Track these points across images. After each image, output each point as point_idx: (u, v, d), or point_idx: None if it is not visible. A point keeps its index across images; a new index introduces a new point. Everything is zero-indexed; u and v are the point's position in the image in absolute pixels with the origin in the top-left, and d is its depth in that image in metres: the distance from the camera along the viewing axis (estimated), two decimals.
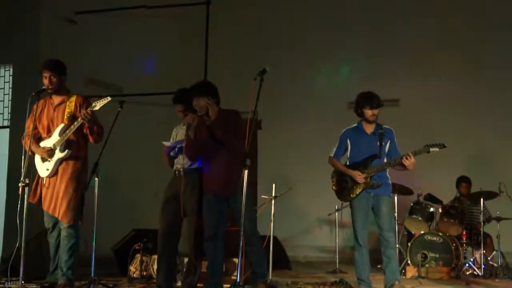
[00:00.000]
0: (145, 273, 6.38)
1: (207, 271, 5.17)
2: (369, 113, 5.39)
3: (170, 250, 5.39)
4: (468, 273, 7.39)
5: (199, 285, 5.42)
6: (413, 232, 7.77)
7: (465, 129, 9.54)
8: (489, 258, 7.51)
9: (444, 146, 5.30)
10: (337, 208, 8.19)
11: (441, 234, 7.39)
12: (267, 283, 5.37)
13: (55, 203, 5.20)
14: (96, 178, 5.14)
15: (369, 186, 5.36)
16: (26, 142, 5.23)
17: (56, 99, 5.37)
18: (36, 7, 8.60)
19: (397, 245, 6.83)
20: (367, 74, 9.97)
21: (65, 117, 5.26)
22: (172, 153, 5.48)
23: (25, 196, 5.00)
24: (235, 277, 4.85)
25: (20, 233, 5.02)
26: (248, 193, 4.34)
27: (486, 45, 9.78)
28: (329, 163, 5.62)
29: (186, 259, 5.66)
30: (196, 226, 5.26)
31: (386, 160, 5.42)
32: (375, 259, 6.13)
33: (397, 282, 5.33)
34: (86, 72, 8.95)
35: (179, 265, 5.89)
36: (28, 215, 4.95)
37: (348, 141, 5.53)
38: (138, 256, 6.46)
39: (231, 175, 4.90)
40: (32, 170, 5.25)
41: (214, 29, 9.69)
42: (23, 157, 5.04)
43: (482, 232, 7.43)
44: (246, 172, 4.27)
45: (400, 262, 6.63)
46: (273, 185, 6.61)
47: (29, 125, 5.36)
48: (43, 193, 5.30)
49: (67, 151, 5.22)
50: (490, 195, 7.65)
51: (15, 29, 8.59)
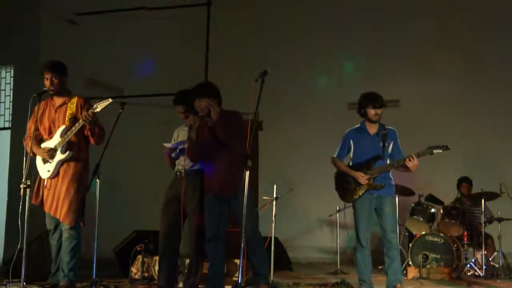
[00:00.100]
0: (146, 274, 6.37)
1: (208, 272, 5.17)
2: (372, 112, 5.36)
3: (171, 251, 5.40)
4: (469, 274, 7.39)
5: (200, 286, 5.42)
6: (414, 233, 7.77)
7: (465, 129, 9.53)
8: (490, 259, 7.51)
9: (447, 148, 5.27)
10: (338, 209, 8.19)
11: (442, 234, 7.39)
12: (268, 284, 5.36)
13: (57, 204, 5.20)
14: (97, 180, 5.15)
15: (372, 188, 5.34)
16: (28, 144, 5.22)
17: (58, 101, 5.35)
18: (36, 8, 8.58)
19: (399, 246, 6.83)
20: (367, 75, 9.97)
21: (67, 118, 5.25)
22: (173, 154, 5.48)
23: (27, 198, 5.00)
24: (236, 278, 4.86)
25: (22, 234, 5.02)
26: (249, 194, 4.35)
27: (486, 46, 9.78)
28: (331, 163, 5.59)
29: (187, 260, 5.65)
30: (197, 226, 5.27)
31: (389, 161, 5.39)
32: (377, 259, 6.12)
33: (399, 284, 5.32)
34: (86, 73, 8.94)
35: (180, 266, 5.89)
36: (30, 217, 4.94)
37: (351, 141, 5.50)
38: (140, 258, 6.46)
39: (232, 176, 4.90)
40: (33, 172, 5.24)
41: (214, 30, 9.68)
42: (24, 158, 5.03)
43: (483, 233, 7.43)
44: (247, 173, 4.26)
45: (401, 263, 6.61)
46: (274, 186, 6.61)
47: (30, 126, 5.34)
48: (44, 195, 5.29)
49: (68, 153, 5.21)
50: (491, 196, 7.66)
51: (15, 30, 8.57)
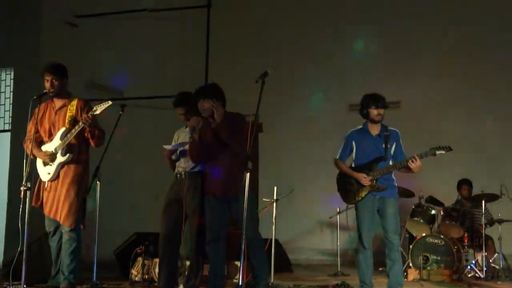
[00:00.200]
0: (146, 276, 6.36)
1: (208, 273, 5.16)
2: (374, 113, 5.33)
3: (171, 253, 5.39)
4: (469, 275, 7.38)
5: None
6: (414, 235, 7.76)
7: (466, 131, 9.53)
8: (490, 261, 7.51)
9: (450, 149, 5.25)
10: (338, 210, 8.18)
11: (442, 236, 7.37)
12: (269, 286, 5.35)
13: (57, 207, 5.20)
14: (97, 182, 5.15)
15: (375, 189, 5.31)
16: (28, 146, 5.22)
17: (58, 103, 5.36)
18: (36, 11, 8.59)
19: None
20: (368, 76, 9.97)
21: (67, 120, 5.25)
22: (174, 156, 5.48)
23: (27, 200, 4.99)
24: (237, 280, 4.86)
25: (22, 237, 5.01)
26: (250, 196, 4.34)
27: (488, 47, 9.78)
28: (334, 165, 5.55)
29: (187, 262, 5.65)
30: (197, 227, 5.26)
31: (391, 163, 5.35)
32: (377, 261, 6.11)
33: (399, 287, 5.30)
34: (86, 76, 8.94)
35: (180, 268, 5.89)
36: (30, 219, 4.94)
37: (353, 142, 5.45)
38: (140, 260, 6.45)
39: (233, 177, 4.89)
40: (33, 174, 5.24)
41: (214, 31, 9.68)
42: (24, 161, 5.02)
43: (483, 235, 7.42)
44: (248, 175, 4.26)
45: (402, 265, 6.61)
46: (275, 188, 6.60)
47: (30, 128, 5.34)
48: (44, 197, 5.29)
49: (68, 155, 5.21)
50: (492, 198, 7.66)
51: (16, 32, 8.58)
